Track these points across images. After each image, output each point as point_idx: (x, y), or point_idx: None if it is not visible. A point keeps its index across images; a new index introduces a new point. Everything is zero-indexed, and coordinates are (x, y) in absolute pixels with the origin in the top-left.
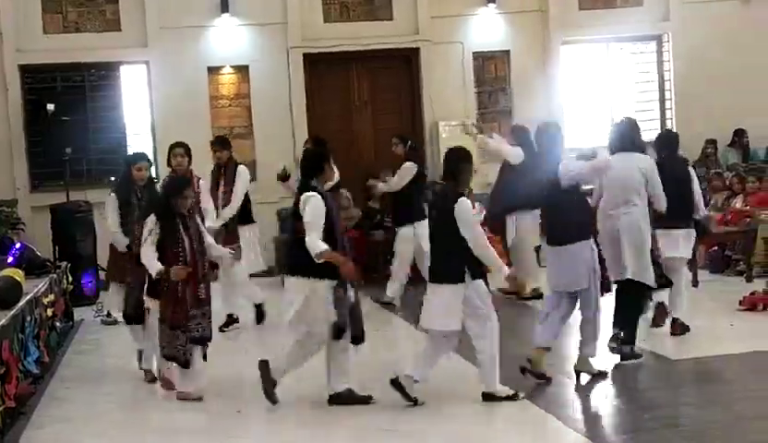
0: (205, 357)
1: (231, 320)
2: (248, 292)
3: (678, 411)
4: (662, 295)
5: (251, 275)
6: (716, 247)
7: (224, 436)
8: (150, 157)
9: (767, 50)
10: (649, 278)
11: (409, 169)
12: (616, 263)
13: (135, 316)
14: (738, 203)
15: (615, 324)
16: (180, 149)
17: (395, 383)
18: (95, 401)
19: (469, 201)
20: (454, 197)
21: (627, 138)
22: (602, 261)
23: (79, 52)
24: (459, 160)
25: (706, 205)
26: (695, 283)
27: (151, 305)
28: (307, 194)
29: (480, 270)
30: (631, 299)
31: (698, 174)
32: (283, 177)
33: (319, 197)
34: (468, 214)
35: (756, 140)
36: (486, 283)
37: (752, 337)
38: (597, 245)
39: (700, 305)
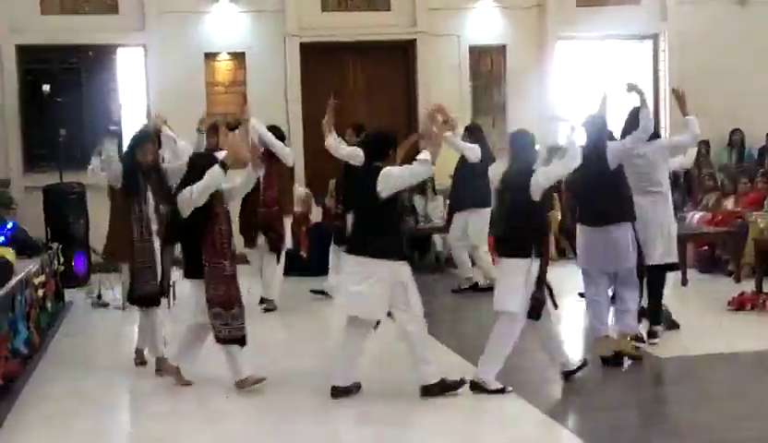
0: None
1: None
2: None
3: (665, 408)
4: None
5: None
6: (706, 247)
7: (213, 420)
8: None
9: (763, 51)
10: (676, 257)
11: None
12: (644, 248)
13: (161, 294)
14: (729, 204)
15: (649, 315)
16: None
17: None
18: (84, 382)
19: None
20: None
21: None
22: None
23: (76, 33)
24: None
25: (697, 205)
26: (684, 282)
27: (195, 286)
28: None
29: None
30: (657, 282)
31: (691, 175)
32: (235, 126)
33: None
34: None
35: (751, 141)
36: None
37: (741, 337)
38: None
39: (689, 304)
